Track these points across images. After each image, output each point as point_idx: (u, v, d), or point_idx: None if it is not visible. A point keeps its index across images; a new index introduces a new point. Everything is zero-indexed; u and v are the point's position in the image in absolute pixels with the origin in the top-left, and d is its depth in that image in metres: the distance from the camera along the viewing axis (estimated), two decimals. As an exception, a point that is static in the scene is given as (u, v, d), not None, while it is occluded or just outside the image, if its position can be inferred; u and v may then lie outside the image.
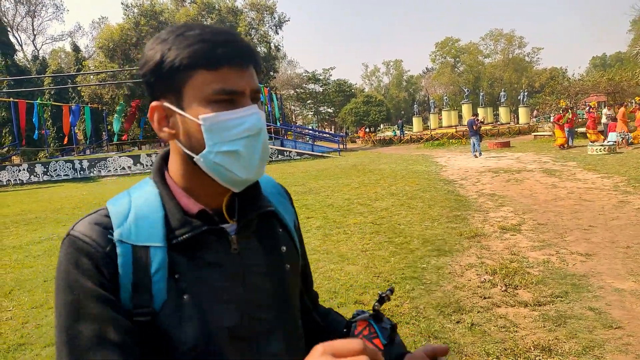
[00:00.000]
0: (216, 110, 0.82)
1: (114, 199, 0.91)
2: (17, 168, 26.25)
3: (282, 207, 1.04)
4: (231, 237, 0.89)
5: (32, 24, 55.32)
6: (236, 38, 0.85)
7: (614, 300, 4.20)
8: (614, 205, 7.89)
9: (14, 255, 7.67)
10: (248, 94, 0.85)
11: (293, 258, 1.00)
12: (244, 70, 0.84)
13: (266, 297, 0.91)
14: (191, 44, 0.81)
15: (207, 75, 0.81)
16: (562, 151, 17.83)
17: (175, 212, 0.87)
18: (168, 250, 0.84)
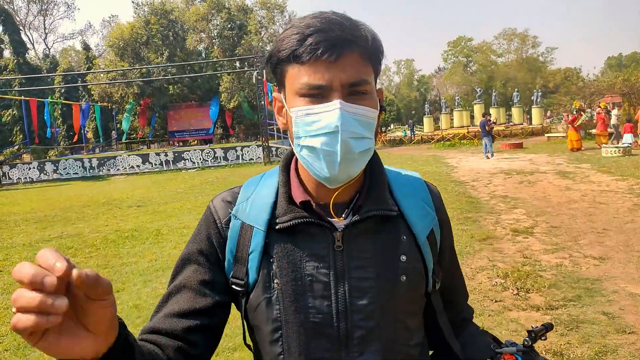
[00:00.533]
0: (304, 104, 0.83)
1: (251, 179, 1.01)
2: (27, 166, 26.50)
3: (416, 212, 0.95)
4: (336, 233, 0.88)
5: (43, 23, 55.97)
6: (332, 27, 0.80)
7: (628, 304, 4.12)
8: (628, 209, 7.77)
9: (23, 252, 7.72)
10: (337, 88, 0.81)
11: (414, 271, 0.91)
12: (334, 62, 0.80)
13: (368, 304, 0.87)
14: (288, 37, 0.82)
15: (298, 68, 0.82)
16: (575, 153, 17.62)
17: (283, 200, 0.91)
18: (267, 235, 0.89)
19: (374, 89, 0.87)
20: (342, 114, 0.80)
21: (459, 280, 1.10)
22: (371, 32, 0.85)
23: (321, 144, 0.82)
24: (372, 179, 0.95)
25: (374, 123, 0.86)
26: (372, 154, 0.90)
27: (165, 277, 5.79)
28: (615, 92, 24.95)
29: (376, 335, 0.87)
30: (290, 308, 0.86)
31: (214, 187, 15.19)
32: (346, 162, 0.82)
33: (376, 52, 0.85)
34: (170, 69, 36.10)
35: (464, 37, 64.43)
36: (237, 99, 35.26)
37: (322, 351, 0.86)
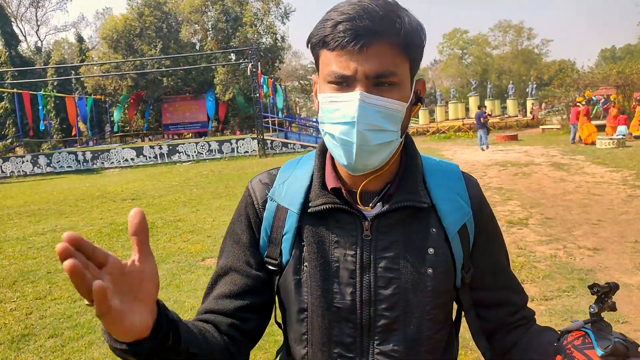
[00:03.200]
0: (330, 90, 0.84)
1: (289, 162, 1.03)
2: (20, 159, 26.29)
3: (448, 205, 0.93)
4: (365, 223, 0.90)
5: (35, 15, 55.37)
6: (363, 15, 0.79)
7: (622, 295, 4.15)
8: (622, 200, 7.81)
9: (17, 246, 7.68)
10: (360, 78, 0.81)
11: (442, 264, 0.90)
12: (359, 52, 0.79)
13: (392, 294, 0.88)
14: (323, 22, 0.83)
15: (328, 55, 0.83)
16: (571, 144, 17.67)
17: (316, 185, 0.93)
18: (300, 218, 0.92)
19: (405, 79, 0.85)
20: (361, 104, 0.80)
21: (508, 278, 1.03)
22: (408, 23, 0.83)
23: (339, 133, 0.83)
24: (405, 169, 0.94)
25: (399, 115, 0.85)
26: (396, 147, 0.88)
27: (160, 270, 5.77)
28: (610, 84, 24.99)
29: (399, 325, 0.88)
30: (317, 292, 0.89)
31: (208, 180, 15.15)
32: (362, 152, 0.83)
33: (410, 42, 0.83)
34: (164, 61, 35.81)
35: (459, 30, 64.31)
36: (232, 92, 35.09)
37: (344, 336, 0.89)
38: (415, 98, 0.90)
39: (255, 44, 32.07)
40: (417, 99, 0.90)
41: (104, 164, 26.05)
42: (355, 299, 0.88)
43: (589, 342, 0.78)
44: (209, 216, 8.91)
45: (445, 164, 1.02)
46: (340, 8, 0.82)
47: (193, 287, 5.06)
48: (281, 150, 26.13)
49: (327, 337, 0.90)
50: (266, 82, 26.93)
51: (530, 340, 0.96)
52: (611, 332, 0.78)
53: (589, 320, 0.80)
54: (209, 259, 6.11)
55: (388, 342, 0.88)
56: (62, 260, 0.57)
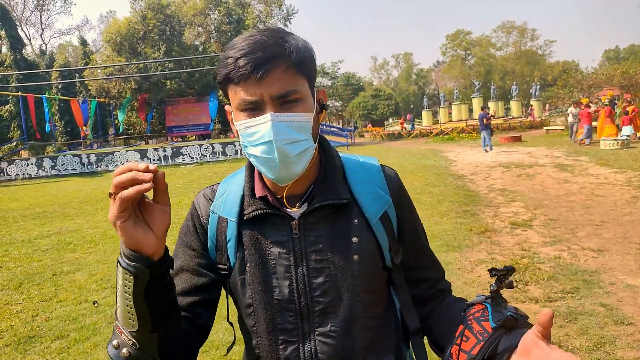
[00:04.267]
0: (244, 117, 0.94)
1: (227, 177, 1.15)
2: (25, 162, 26.37)
3: (368, 197, 1.05)
4: (293, 222, 1.01)
5: (40, 18, 55.65)
6: (256, 48, 0.90)
7: (626, 296, 4.14)
8: (626, 201, 7.79)
9: (22, 249, 7.72)
10: (267, 101, 0.91)
11: (367, 250, 1.02)
12: (261, 79, 0.89)
13: (324, 282, 1.00)
14: (223, 61, 0.93)
15: (234, 87, 0.93)
16: (574, 145, 17.61)
17: (247, 194, 1.05)
18: (239, 225, 1.04)
19: (306, 94, 0.96)
20: (274, 124, 0.90)
21: (426, 256, 1.17)
22: (296, 45, 0.93)
23: (261, 152, 0.93)
24: (325, 170, 1.05)
25: (309, 125, 0.95)
26: (313, 152, 0.98)
27: (165, 272, 5.79)
28: (614, 84, 24.91)
29: (334, 309, 1.00)
30: (258, 288, 1.01)
31: (212, 182, 14.97)
32: (285, 165, 0.93)
33: (302, 61, 0.93)
34: (168, 64, 35.90)
35: (462, 31, 64.20)
36: (235, 94, 35.10)
37: (287, 323, 1.01)
38: (319, 106, 1.01)
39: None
40: (321, 106, 1.02)
41: (108, 167, 26.13)
42: (293, 290, 1.00)
43: (486, 315, 0.91)
44: (212, 218, 8.92)
45: (365, 160, 1.13)
46: (236, 45, 0.92)
47: (197, 289, 5.08)
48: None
49: (271, 326, 1.01)
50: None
51: (443, 311, 1.10)
52: (506, 307, 0.91)
53: (489, 296, 0.94)
54: (213, 261, 6.12)
55: (325, 324, 1.00)
56: (146, 171, 0.81)
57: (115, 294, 0.94)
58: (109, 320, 4.44)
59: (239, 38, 0.94)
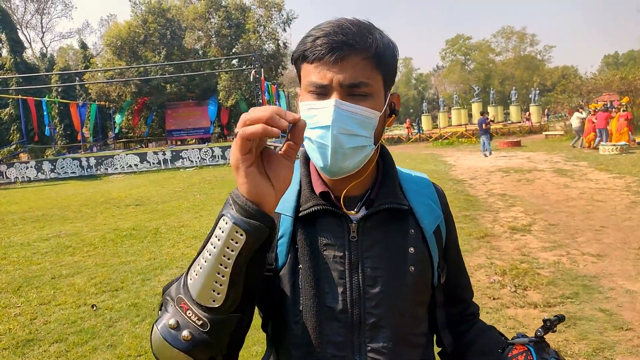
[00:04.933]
0: (310, 99, 0.91)
1: None
2: (24, 165, 26.33)
3: (424, 208, 1.01)
4: (351, 225, 0.95)
5: (41, 22, 55.74)
6: (338, 31, 0.87)
7: (625, 301, 4.14)
8: (626, 206, 7.79)
9: (21, 252, 7.71)
10: (336, 87, 0.88)
11: (421, 262, 0.97)
12: (335, 63, 0.87)
13: (379, 292, 0.93)
14: (304, 39, 0.91)
15: (308, 67, 0.91)
16: (573, 150, 17.62)
17: (306, 189, 0.99)
18: (293, 221, 0.96)
19: (377, 92, 0.91)
20: (336, 110, 0.86)
21: (464, 277, 1.15)
22: (379, 39, 0.90)
23: (316, 137, 0.89)
24: (384, 174, 1.02)
25: (372, 123, 0.91)
26: (370, 153, 0.94)
27: (164, 275, 5.79)
28: (613, 90, 24.97)
29: (387, 322, 0.93)
30: (310, 292, 0.92)
31: (212, 186, 15.19)
32: (337, 155, 0.88)
33: (382, 58, 0.89)
34: (168, 68, 35.95)
35: (462, 36, 64.45)
36: (235, 98, 35.19)
37: (336, 335, 0.92)
38: (390, 110, 0.97)
39: (258, 51, 32.19)
40: (391, 110, 0.98)
41: (108, 170, 26.11)
42: (346, 299, 0.92)
43: (530, 359, 0.90)
44: (212, 222, 8.89)
45: (415, 173, 1.11)
46: (320, 27, 0.90)
47: (196, 293, 5.07)
48: (284, 156, 26.08)
49: (319, 336, 0.92)
50: (269, 88, 27.00)
51: (475, 338, 1.07)
52: (549, 352, 0.90)
53: (533, 339, 0.92)
54: (213, 264, 6.12)
55: (377, 339, 0.92)
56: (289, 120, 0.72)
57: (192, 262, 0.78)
58: (108, 324, 4.43)
59: (326, 21, 0.91)
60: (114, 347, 3.95)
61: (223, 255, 0.72)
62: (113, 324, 4.44)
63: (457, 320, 1.11)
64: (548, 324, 0.92)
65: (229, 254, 0.72)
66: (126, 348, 3.90)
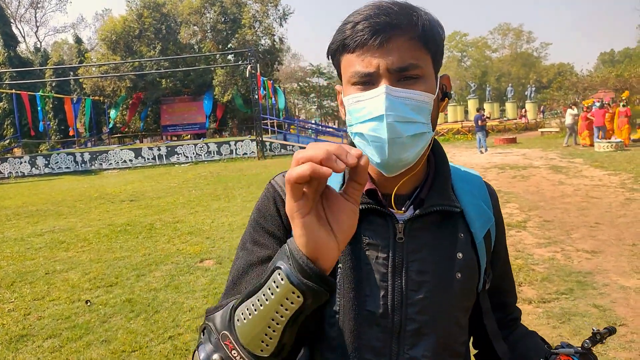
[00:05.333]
0: (356, 91, 0.84)
1: None
2: (18, 160, 26.21)
3: (475, 211, 0.94)
4: (398, 225, 0.88)
5: (35, 16, 55.36)
6: (379, 13, 0.80)
7: (619, 297, 4.16)
8: (620, 203, 7.82)
9: (15, 247, 7.66)
10: (384, 73, 0.80)
11: (469, 269, 0.91)
12: (380, 47, 0.79)
13: (423, 298, 0.87)
14: (340, 28, 0.83)
15: (349, 57, 0.83)
16: (568, 147, 17.68)
17: None
18: None
19: (429, 73, 0.84)
20: (388, 97, 0.79)
21: (510, 281, 1.10)
22: (425, 17, 0.83)
23: (369, 130, 0.82)
24: (436, 172, 0.94)
25: (428, 107, 0.84)
26: (429, 140, 0.87)
27: (159, 271, 5.77)
28: (609, 87, 25.06)
29: (429, 330, 0.87)
30: (349, 294, 0.86)
31: (207, 182, 15.14)
32: (395, 146, 0.81)
33: (429, 36, 0.82)
34: (163, 63, 35.81)
35: (459, 32, 64.47)
36: (231, 93, 35.10)
37: (374, 340, 0.87)
38: (442, 93, 0.90)
39: (253, 46, 32.09)
40: (444, 94, 0.90)
41: (103, 165, 26.02)
42: (387, 303, 0.86)
43: None
44: (207, 218, 8.90)
45: (468, 171, 1.04)
46: (357, 11, 0.83)
47: (192, 289, 5.06)
48: (280, 152, 26.15)
49: (357, 341, 0.87)
50: (265, 83, 26.93)
51: (516, 343, 1.02)
52: None
53: (579, 350, 0.87)
54: (208, 260, 6.11)
55: (418, 347, 0.87)
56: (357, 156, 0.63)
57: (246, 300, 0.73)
58: (102, 319, 4.41)
59: (364, 5, 0.84)
60: (108, 343, 3.93)
61: (276, 312, 0.67)
62: (107, 319, 4.42)
63: (499, 326, 1.05)
64: (598, 337, 0.87)
65: (282, 312, 0.67)
66: (120, 343, 3.89)
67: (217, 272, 5.53)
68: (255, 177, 15.55)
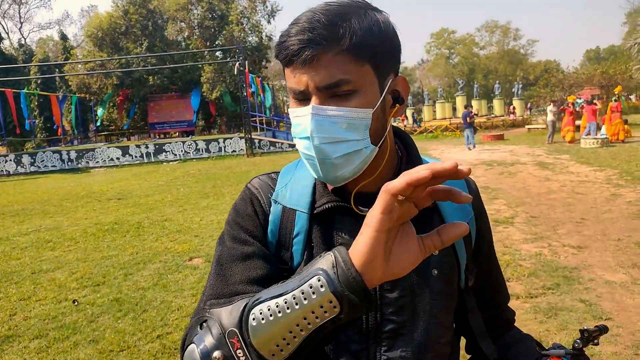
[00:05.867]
0: (294, 105, 0.83)
1: (287, 166, 0.98)
2: (3, 159, 25.88)
3: (451, 205, 0.89)
4: None
5: (19, 12, 54.51)
6: (310, 27, 0.75)
7: (605, 292, 4.22)
8: (606, 198, 7.92)
9: (0, 247, 7.56)
10: (313, 91, 0.77)
11: (446, 265, 0.89)
12: (308, 65, 0.76)
13: (398, 297, 0.85)
14: (280, 39, 0.81)
15: (286, 70, 0.81)
16: (555, 144, 17.86)
17: (319, 184, 0.90)
18: (309, 218, 0.88)
19: (365, 85, 0.79)
20: (314, 118, 0.77)
21: (498, 279, 1.06)
22: (355, 26, 0.76)
23: (303, 147, 0.81)
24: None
25: (363, 123, 0.79)
26: (369, 153, 0.82)
27: (147, 270, 5.73)
28: (594, 84, 25.37)
29: (407, 330, 0.85)
30: None
31: (196, 180, 15.06)
32: (327, 166, 0.80)
33: (362, 45, 0.76)
34: (150, 60, 35.51)
35: (447, 30, 64.71)
36: (219, 90, 34.92)
37: (351, 342, 0.85)
38: (392, 99, 0.84)
39: (241, 43, 31.93)
40: (394, 99, 0.84)
41: (89, 164, 25.76)
42: None
43: None
44: (196, 216, 8.86)
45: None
46: (295, 20, 0.79)
47: (180, 287, 5.03)
48: (269, 149, 26.06)
49: (334, 344, 0.85)
50: (254, 80, 26.82)
51: (507, 347, 1.00)
52: None
53: (570, 351, 0.86)
54: (196, 258, 6.08)
55: (395, 348, 0.85)
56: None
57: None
58: (89, 319, 4.37)
59: (302, 13, 0.80)
60: (95, 343, 3.90)
61: (304, 317, 0.64)
62: (95, 319, 4.38)
63: (488, 327, 1.01)
64: (586, 335, 0.85)
65: (311, 320, 0.64)
66: (108, 343, 3.85)
67: (206, 271, 5.50)
68: (244, 174, 15.49)
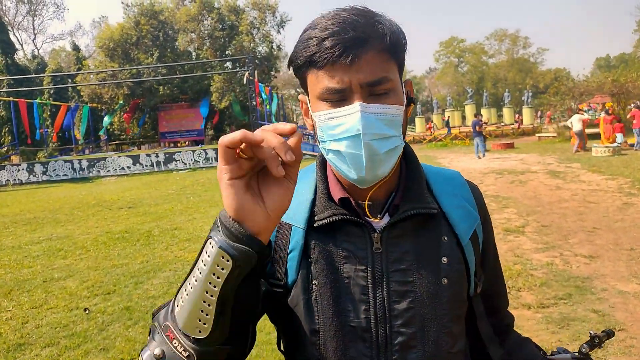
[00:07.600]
0: (327, 107, 0.81)
1: None
2: (16, 168, 26.15)
3: (458, 212, 0.91)
4: (374, 235, 0.85)
5: (32, 23, 55.36)
6: (346, 27, 0.77)
7: (618, 302, 4.17)
8: (618, 207, 7.84)
9: (13, 255, 7.64)
10: (356, 89, 0.79)
11: (456, 273, 0.88)
12: (350, 64, 0.77)
13: (407, 308, 0.84)
14: (305, 42, 0.80)
15: (317, 73, 0.80)
16: (566, 152, 17.73)
17: (322, 196, 0.89)
18: (306, 234, 0.87)
19: (397, 84, 0.84)
20: (363, 116, 0.78)
21: (501, 285, 1.06)
22: (389, 26, 0.81)
23: (345, 147, 0.80)
24: (408, 176, 0.92)
25: (400, 119, 0.83)
26: (401, 151, 0.87)
27: (157, 278, 5.75)
28: (605, 92, 25.17)
29: (418, 342, 0.84)
30: (329, 311, 0.84)
31: (205, 189, 15.13)
32: (372, 163, 0.80)
33: (396, 45, 0.81)
34: (161, 70, 35.88)
35: (456, 38, 64.67)
36: (228, 99, 35.16)
37: (361, 356, 0.84)
38: (407, 99, 0.88)
39: (251, 53, 32.17)
40: (408, 99, 0.89)
41: (100, 172, 25.96)
42: (370, 316, 0.84)
43: None
44: (205, 224, 8.89)
45: (446, 170, 1.01)
46: (319, 24, 0.79)
47: (190, 296, 5.04)
48: (278, 158, 26.01)
49: (342, 359, 0.84)
50: (263, 90, 26.97)
51: (510, 351, 1.00)
52: None
53: (576, 355, 0.86)
54: (206, 267, 6.09)
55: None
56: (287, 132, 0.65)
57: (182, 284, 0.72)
58: (100, 327, 4.40)
59: (322, 16, 0.81)
60: (106, 351, 3.91)
61: (209, 282, 0.66)
62: (105, 327, 4.41)
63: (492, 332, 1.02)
64: (596, 340, 0.85)
65: (215, 281, 0.65)
66: (119, 352, 3.87)
67: (216, 279, 5.51)
68: (254, 183, 15.52)
